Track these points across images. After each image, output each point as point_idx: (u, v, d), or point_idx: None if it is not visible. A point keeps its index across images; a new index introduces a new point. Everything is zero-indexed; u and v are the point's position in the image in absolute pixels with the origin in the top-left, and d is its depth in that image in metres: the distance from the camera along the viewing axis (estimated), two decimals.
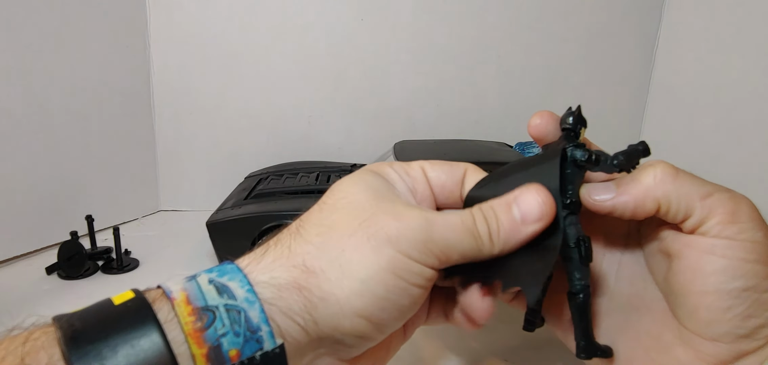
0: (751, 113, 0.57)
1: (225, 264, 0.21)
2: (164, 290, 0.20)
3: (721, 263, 0.22)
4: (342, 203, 0.23)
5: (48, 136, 0.53)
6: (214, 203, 0.52)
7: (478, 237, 0.23)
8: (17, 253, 0.51)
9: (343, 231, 0.22)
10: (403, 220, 0.21)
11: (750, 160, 0.57)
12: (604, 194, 0.24)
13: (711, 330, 0.22)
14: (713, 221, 0.22)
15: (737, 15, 0.58)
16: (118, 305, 0.19)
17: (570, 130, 0.26)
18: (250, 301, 0.19)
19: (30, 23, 0.50)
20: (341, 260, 0.21)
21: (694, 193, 0.23)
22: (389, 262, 0.21)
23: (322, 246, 0.21)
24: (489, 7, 0.67)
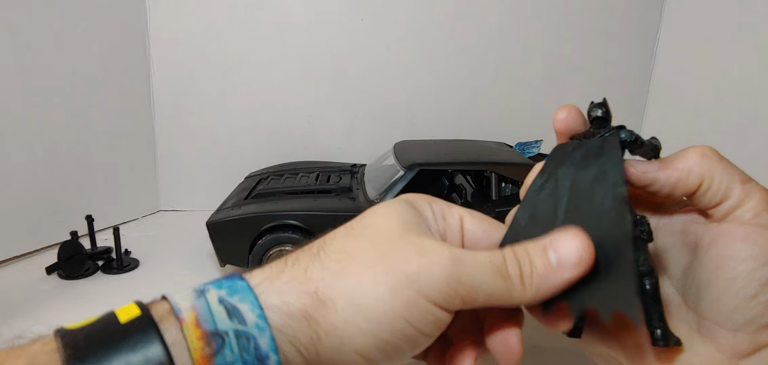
0: (751, 113, 0.57)
1: (235, 280, 0.20)
2: (172, 306, 0.19)
3: (754, 250, 0.22)
4: (369, 231, 0.22)
5: (48, 136, 0.53)
6: (214, 203, 0.52)
7: (507, 278, 0.21)
8: (17, 253, 0.51)
9: (363, 262, 0.21)
10: (427, 255, 0.20)
11: (750, 160, 0.57)
12: (648, 167, 0.24)
13: (733, 319, 0.22)
14: (749, 206, 0.23)
15: (737, 15, 0.58)
16: (124, 323, 0.18)
17: (602, 118, 0.26)
18: (261, 328, 0.19)
19: (30, 23, 0.50)
20: (354, 293, 0.20)
21: (736, 176, 0.23)
22: (404, 306, 0.20)
23: (338, 275, 0.20)
24: (489, 7, 0.67)
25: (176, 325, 0.18)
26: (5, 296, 0.43)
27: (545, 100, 0.70)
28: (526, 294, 0.21)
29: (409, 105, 0.69)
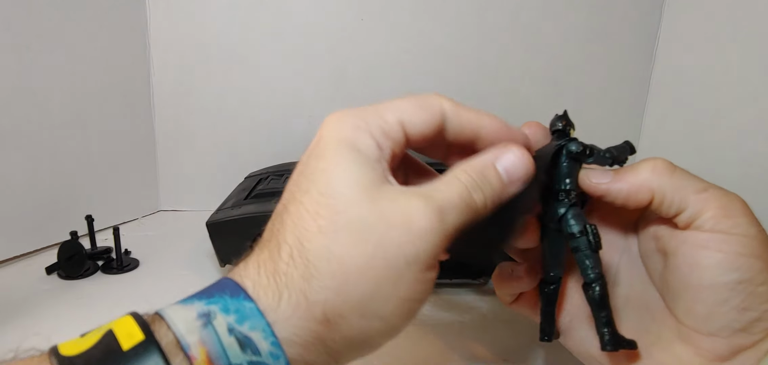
0: (751, 113, 0.57)
1: (241, 301, 0.19)
2: (178, 338, 0.18)
3: (717, 257, 0.22)
4: (342, 220, 0.20)
5: (48, 136, 0.53)
6: (214, 203, 0.52)
7: (475, 208, 0.22)
8: (17, 253, 0.51)
9: (358, 265, 0.19)
10: (416, 230, 0.20)
11: (750, 160, 0.57)
12: (601, 178, 0.25)
13: (708, 324, 0.23)
14: (707, 215, 0.23)
15: (737, 15, 0.58)
16: (127, 351, 0.17)
17: (561, 130, 0.27)
18: (275, 356, 0.18)
19: (30, 23, 0.50)
20: (363, 303, 0.20)
21: (689, 188, 0.24)
22: (409, 290, 0.20)
23: (340, 290, 0.19)
24: (489, 7, 0.67)
25: (185, 363, 0.17)
26: (5, 296, 0.43)
27: (545, 100, 0.70)
28: (485, 213, 0.22)
29: None
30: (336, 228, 0.20)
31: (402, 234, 0.20)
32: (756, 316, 0.22)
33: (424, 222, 0.20)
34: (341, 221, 0.20)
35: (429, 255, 0.20)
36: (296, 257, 0.20)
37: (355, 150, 0.21)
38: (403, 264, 0.19)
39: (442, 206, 0.20)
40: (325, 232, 0.20)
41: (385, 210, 0.20)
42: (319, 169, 0.21)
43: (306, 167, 0.22)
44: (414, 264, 0.20)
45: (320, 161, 0.22)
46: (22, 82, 0.50)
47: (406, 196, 0.21)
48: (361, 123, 0.22)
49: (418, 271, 0.20)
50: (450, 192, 0.21)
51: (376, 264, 0.19)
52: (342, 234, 0.20)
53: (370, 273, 0.19)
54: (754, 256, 0.22)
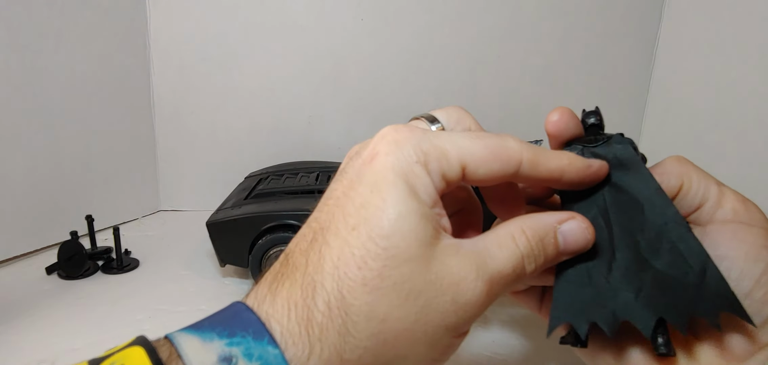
0: (751, 113, 0.57)
1: (265, 346, 0.18)
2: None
3: (744, 248, 0.22)
4: (392, 278, 0.18)
5: (48, 136, 0.53)
6: (214, 203, 0.52)
7: (524, 277, 0.21)
8: (17, 253, 0.51)
9: (398, 329, 0.18)
10: (463, 302, 0.19)
11: (750, 160, 0.57)
12: None
13: (730, 318, 0.23)
14: (728, 207, 0.23)
15: (737, 15, 0.58)
16: None
17: (597, 125, 0.25)
18: None
19: (30, 23, 0.50)
20: (394, 362, 0.19)
21: (711, 179, 0.24)
22: (441, 353, 0.20)
23: (376, 352, 0.18)
24: (489, 7, 0.67)
25: None
26: (5, 296, 0.43)
27: (545, 100, 0.70)
28: (530, 280, 0.22)
29: (409, 105, 0.69)
30: (383, 286, 0.18)
31: (448, 303, 0.19)
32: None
33: (471, 296, 0.19)
34: (390, 279, 0.18)
35: (468, 325, 0.20)
36: (334, 309, 0.18)
37: (414, 194, 0.19)
38: (442, 331, 0.19)
39: (493, 277, 0.20)
40: (369, 287, 0.18)
41: (437, 274, 0.19)
42: (371, 205, 0.19)
43: (355, 192, 0.20)
44: (452, 331, 0.19)
45: (374, 195, 0.19)
46: (22, 82, 0.50)
47: (458, 259, 0.19)
48: (421, 156, 0.20)
49: (454, 337, 0.20)
50: (504, 261, 0.20)
51: (417, 329, 0.19)
52: (388, 293, 0.18)
53: (408, 336, 0.19)
54: None
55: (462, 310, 0.19)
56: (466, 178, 0.21)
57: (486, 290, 0.19)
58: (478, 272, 0.19)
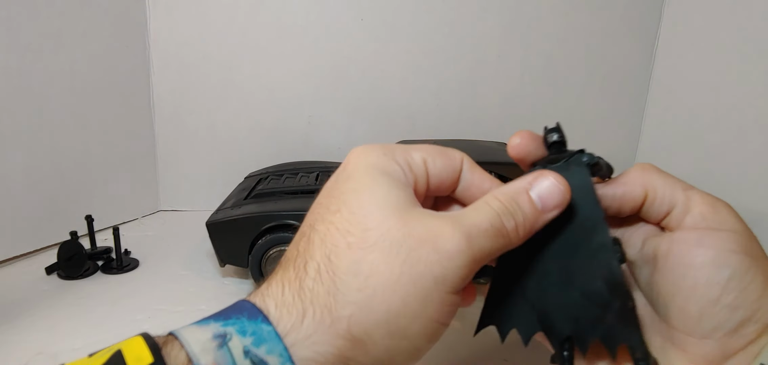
0: (751, 113, 0.57)
1: (259, 323, 0.19)
2: (191, 359, 0.17)
3: (710, 254, 0.22)
4: (372, 236, 0.20)
5: (48, 136, 0.53)
6: (214, 203, 0.52)
7: (506, 235, 0.22)
8: (17, 253, 0.51)
9: (386, 281, 0.19)
10: (445, 251, 0.20)
11: (750, 160, 0.57)
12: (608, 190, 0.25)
13: (701, 326, 0.23)
14: (696, 211, 0.23)
15: (737, 15, 0.58)
16: None
17: (560, 142, 0.25)
18: None
19: (30, 23, 0.50)
20: (390, 320, 0.19)
21: (677, 185, 0.24)
22: (435, 309, 0.20)
23: (366, 306, 0.19)
24: (489, 7, 0.67)
25: None
26: (5, 296, 0.43)
27: (545, 100, 0.70)
28: (517, 242, 0.22)
29: (409, 105, 0.69)
30: (365, 245, 0.20)
31: (430, 253, 0.20)
32: (746, 316, 0.22)
33: (451, 245, 0.20)
34: (371, 238, 0.20)
35: (456, 278, 0.20)
36: (323, 273, 0.20)
37: (385, 173, 0.22)
38: (431, 283, 0.19)
39: (470, 231, 0.20)
40: (354, 248, 0.20)
41: (414, 229, 0.20)
42: (349, 190, 0.22)
43: (334, 189, 0.22)
44: (441, 285, 0.20)
45: (350, 182, 0.22)
46: (22, 82, 0.50)
47: (434, 218, 0.21)
48: (388, 152, 0.23)
49: (445, 293, 0.20)
50: (479, 218, 0.21)
51: (404, 280, 0.19)
52: (371, 251, 0.20)
53: (398, 290, 0.19)
54: (743, 252, 0.22)
55: (446, 259, 0.20)
56: (428, 172, 0.24)
57: (465, 241, 0.20)
58: (454, 226, 0.20)
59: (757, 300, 0.22)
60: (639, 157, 0.72)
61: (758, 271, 0.22)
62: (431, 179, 0.24)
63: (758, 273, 0.22)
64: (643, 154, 0.71)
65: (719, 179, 0.60)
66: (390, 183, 0.22)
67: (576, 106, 0.71)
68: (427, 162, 0.24)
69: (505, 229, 0.22)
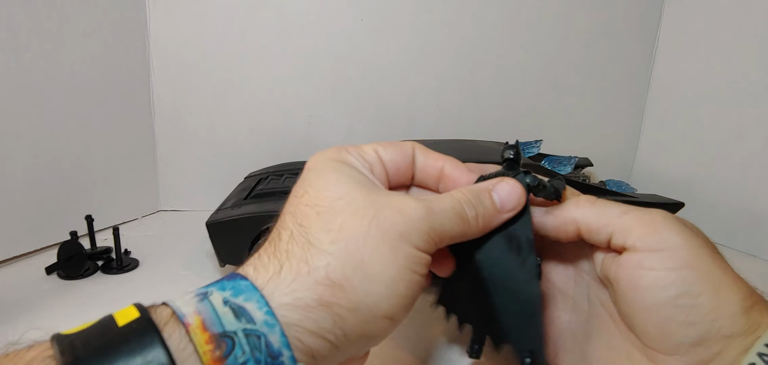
0: (751, 113, 0.57)
1: (237, 280, 0.20)
2: (175, 311, 0.18)
3: (651, 276, 0.22)
4: (339, 204, 0.22)
5: (48, 136, 0.53)
6: (214, 203, 0.52)
7: (466, 221, 0.24)
8: (17, 253, 0.51)
9: (357, 233, 0.21)
10: (408, 213, 0.22)
11: (750, 160, 0.57)
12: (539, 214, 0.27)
13: (664, 343, 0.23)
14: (635, 234, 0.23)
15: (737, 15, 0.58)
16: (122, 327, 0.18)
17: (513, 160, 0.28)
18: (270, 325, 0.18)
19: (30, 23, 0.50)
20: (365, 265, 0.20)
21: (610, 213, 0.25)
22: (406, 258, 0.21)
23: (341, 254, 0.20)
24: (489, 7, 0.67)
25: (180, 330, 0.18)
26: (5, 296, 0.43)
27: (545, 100, 0.70)
28: (476, 230, 0.25)
29: (409, 105, 0.69)
30: (334, 210, 0.22)
31: (394, 214, 0.22)
32: (705, 329, 0.21)
33: (413, 211, 0.22)
34: (339, 204, 0.22)
35: (420, 238, 0.22)
36: (296, 235, 0.22)
37: (344, 163, 0.24)
38: (396, 236, 0.21)
39: (432, 206, 0.23)
40: (323, 214, 0.22)
41: (381, 199, 0.22)
42: (313, 176, 0.24)
43: (300, 183, 0.24)
44: (406, 239, 0.21)
45: (312, 172, 0.24)
46: (22, 82, 0.50)
47: (398, 195, 0.23)
48: (341, 149, 0.26)
49: (411, 246, 0.21)
50: (442, 200, 0.24)
51: (373, 233, 0.21)
52: (340, 213, 0.22)
53: (368, 240, 0.21)
54: (686, 267, 0.22)
55: (408, 219, 0.22)
56: (382, 159, 0.26)
57: (427, 211, 0.22)
58: (417, 201, 0.23)
59: (711, 312, 0.21)
60: (639, 156, 0.72)
61: (706, 283, 0.22)
62: (386, 164, 0.26)
63: (706, 286, 0.22)
64: (643, 154, 0.71)
65: (719, 179, 0.60)
66: (350, 170, 0.24)
67: (576, 106, 0.71)
68: (378, 151, 0.26)
69: (465, 215, 0.24)
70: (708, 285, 0.22)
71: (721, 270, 0.22)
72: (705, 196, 0.61)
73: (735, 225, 0.58)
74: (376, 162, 0.26)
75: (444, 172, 0.28)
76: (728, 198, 0.59)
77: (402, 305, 0.22)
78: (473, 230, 0.24)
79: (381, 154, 0.26)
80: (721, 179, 0.59)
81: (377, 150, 0.26)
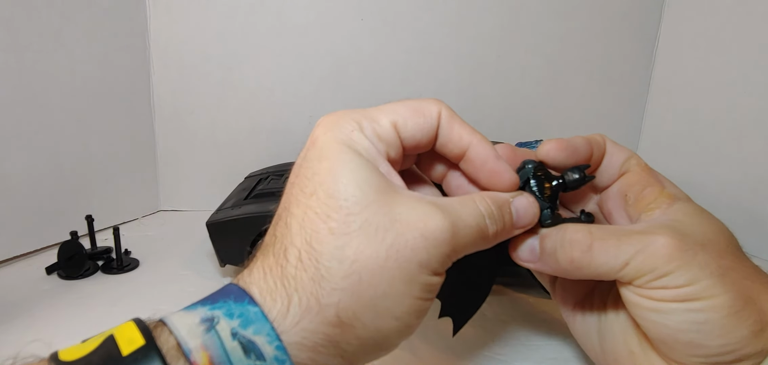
0: (751, 113, 0.57)
1: (246, 305, 0.19)
2: (179, 342, 0.17)
3: (654, 305, 0.22)
4: (356, 221, 0.19)
5: (48, 136, 0.53)
6: (214, 203, 0.52)
7: (486, 238, 0.23)
8: (17, 253, 0.51)
9: (372, 265, 0.19)
10: (431, 237, 0.20)
11: (750, 160, 0.57)
12: (528, 255, 0.26)
13: (671, 354, 0.23)
14: (638, 281, 0.22)
15: (737, 15, 0.58)
16: (126, 357, 0.17)
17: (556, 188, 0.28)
18: (281, 361, 0.18)
19: (30, 23, 0.50)
20: (375, 302, 0.19)
21: (611, 268, 0.23)
22: (421, 290, 0.20)
23: (354, 291, 0.19)
24: (489, 7, 0.67)
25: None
26: (5, 296, 0.43)
27: (545, 99, 0.70)
28: (489, 245, 0.23)
29: None
30: (349, 231, 0.19)
31: (417, 238, 0.20)
32: (713, 352, 0.21)
33: (439, 233, 0.20)
34: (355, 223, 0.19)
35: (438, 264, 0.20)
36: (305, 260, 0.20)
37: (355, 152, 0.21)
38: (415, 267, 0.20)
39: (457, 222, 0.21)
40: (337, 234, 0.19)
41: (402, 214, 0.20)
42: (323, 170, 0.21)
43: (306, 169, 0.22)
44: (425, 268, 0.20)
45: (323, 161, 0.21)
46: (22, 82, 0.50)
47: (422, 203, 0.21)
48: (355, 125, 0.22)
49: (427, 274, 0.20)
50: (466, 213, 0.22)
51: (390, 265, 0.19)
52: (356, 236, 0.19)
53: (384, 274, 0.19)
54: (693, 299, 0.21)
55: (431, 245, 0.20)
56: (400, 136, 0.23)
57: (451, 230, 0.20)
58: (443, 214, 0.20)
59: (719, 338, 0.21)
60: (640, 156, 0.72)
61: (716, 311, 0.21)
62: (405, 142, 0.23)
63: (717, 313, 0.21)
64: (644, 154, 0.71)
65: (719, 179, 0.60)
66: (363, 163, 0.21)
67: (576, 106, 0.71)
68: (397, 125, 0.23)
69: (487, 232, 0.22)
70: (715, 312, 0.21)
71: (733, 295, 0.21)
72: (705, 196, 0.61)
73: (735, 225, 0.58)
74: (392, 143, 0.23)
75: (469, 155, 0.24)
76: (728, 198, 0.59)
77: (409, 332, 0.21)
78: (487, 245, 0.23)
79: (400, 130, 0.23)
80: (721, 179, 0.59)
81: (396, 124, 0.23)
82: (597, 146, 0.28)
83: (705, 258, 0.22)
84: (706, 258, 0.22)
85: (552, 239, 0.25)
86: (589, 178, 0.26)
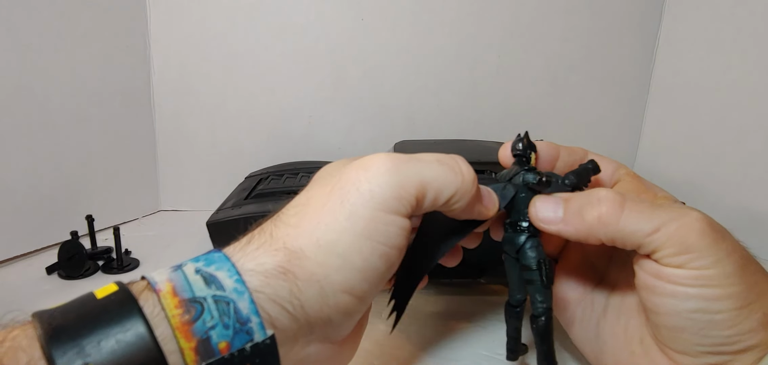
0: (751, 113, 0.57)
1: (212, 253, 0.21)
2: (149, 281, 0.19)
3: (670, 288, 0.22)
4: (317, 177, 0.24)
5: (48, 136, 0.53)
6: (214, 203, 0.52)
7: (458, 172, 0.23)
8: (17, 253, 0.51)
9: (318, 202, 0.21)
10: (372, 167, 0.21)
11: (750, 160, 0.57)
12: (551, 214, 0.25)
13: (674, 344, 0.23)
14: (661, 253, 0.22)
15: (737, 15, 0.58)
16: (101, 298, 0.18)
17: (521, 154, 0.27)
18: (239, 291, 0.19)
19: (30, 23, 0.50)
20: (318, 234, 0.20)
21: (640, 231, 0.23)
22: (365, 227, 0.20)
23: (300, 225, 0.21)
24: (489, 7, 0.67)
25: (154, 298, 0.18)
26: (5, 296, 0.43)
27: (545, 100, 0.70)
28: (469, 183, 0.23)
29: (409, 105, 0.69)
30: (311, 187, 0.23)
31: (358, 171, 0.21)
32: (720, 341, 0.21)
33: (380, 165, 0.21)
34: (316, 180, 0.23)
35: (385, 195, 0.21)
36: (273, 218, 0.23)
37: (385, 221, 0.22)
38: (356, 197, 0.21)
39: (400, 158, 0.22)
40: (301, 193, 0.23)
41: (353, 162, 0.22)
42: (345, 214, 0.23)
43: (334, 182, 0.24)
44: (368, 199, 0.20)
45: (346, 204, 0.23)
46: (22, 82, 0.50)
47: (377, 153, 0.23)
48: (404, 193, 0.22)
49: (373, 209, 0.21)
50: (424, 154, 0.24)
51: (332, 198, 0.21)
52: (313, 188, 0.23)
53: (327, 205, 0.21)
54: (708, 286, 0.21)
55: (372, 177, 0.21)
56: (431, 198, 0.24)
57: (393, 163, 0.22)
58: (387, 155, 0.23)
59: (728, 328, 0.21)
60: (639, 156, 0.72)
61: (728, 301, 0.21)
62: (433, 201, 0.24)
63: (728, 303, 0.21)
64: (644, 154, 0.71)
65: (719, 179, 0.60)
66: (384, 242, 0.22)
67: (576, 106, 0.71)
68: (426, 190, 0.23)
69: (449, 164, 0.23)
70: (730, 302, 0.21)
71: (747, 287, 0.21)
72: (705, 196, 0.61)
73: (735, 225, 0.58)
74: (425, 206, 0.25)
75: None
76: (728, 198, 0.59)
77: (359, 278, 0.21)
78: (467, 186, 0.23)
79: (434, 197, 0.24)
80: (721, 179, 0.59)
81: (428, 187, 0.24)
82: (573, 153, 0.30)
83: (731, 245, 0.22)
84: (731, 245, 0.22)
85: (578, 199, 0.24)
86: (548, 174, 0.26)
